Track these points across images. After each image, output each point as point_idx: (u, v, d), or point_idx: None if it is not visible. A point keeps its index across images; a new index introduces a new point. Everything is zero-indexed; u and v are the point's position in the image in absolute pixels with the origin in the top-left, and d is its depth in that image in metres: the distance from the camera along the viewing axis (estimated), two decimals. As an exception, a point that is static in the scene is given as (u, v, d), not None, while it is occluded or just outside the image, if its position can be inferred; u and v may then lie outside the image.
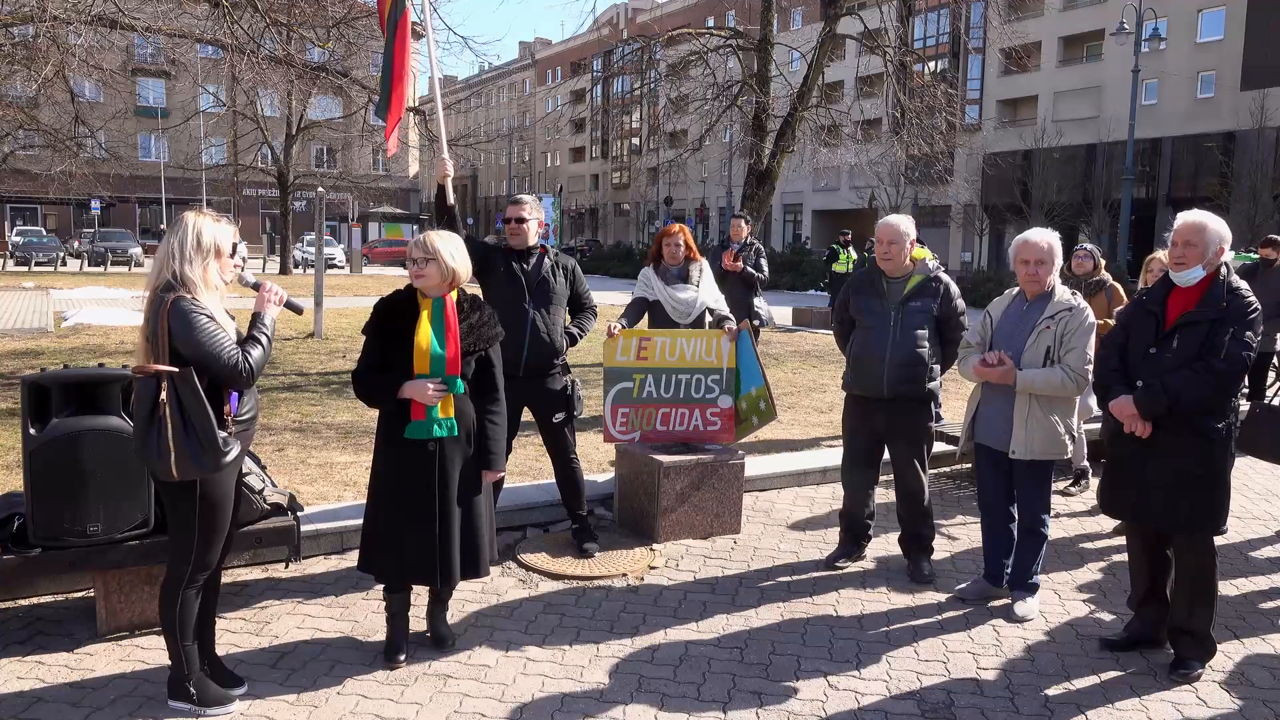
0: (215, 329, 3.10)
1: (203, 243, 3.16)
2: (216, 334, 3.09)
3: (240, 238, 3.39)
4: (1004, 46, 21.00)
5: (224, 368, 3.10)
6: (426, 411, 3.60)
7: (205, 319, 3.09)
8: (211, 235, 3.19)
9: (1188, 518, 3.75)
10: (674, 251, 6.05)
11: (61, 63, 10.77)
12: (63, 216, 51.84)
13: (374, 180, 51.85)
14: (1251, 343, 3.65)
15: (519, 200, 4.93)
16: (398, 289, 3.76)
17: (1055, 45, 43.54)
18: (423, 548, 3.65)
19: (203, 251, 3.16)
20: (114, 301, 18.66)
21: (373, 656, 3.78)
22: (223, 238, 3.23)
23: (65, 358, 10.80)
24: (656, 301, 6.06)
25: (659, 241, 6.13)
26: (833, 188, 51.25)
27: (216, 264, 3.20)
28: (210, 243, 3.18)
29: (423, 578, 3.72)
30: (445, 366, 3.62)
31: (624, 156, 70.68)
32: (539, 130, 79.49)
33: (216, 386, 3.14)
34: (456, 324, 3.68)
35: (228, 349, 3.11)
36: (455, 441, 3.68)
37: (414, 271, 3.65)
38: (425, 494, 3.64)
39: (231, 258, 3.28)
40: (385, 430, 3.71)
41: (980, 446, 4.52)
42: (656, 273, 6.10)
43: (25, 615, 4.08)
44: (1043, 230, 4.43)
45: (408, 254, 3.70)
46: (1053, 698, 3.64)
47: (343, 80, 12.44)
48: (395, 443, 3.65)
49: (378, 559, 3.74)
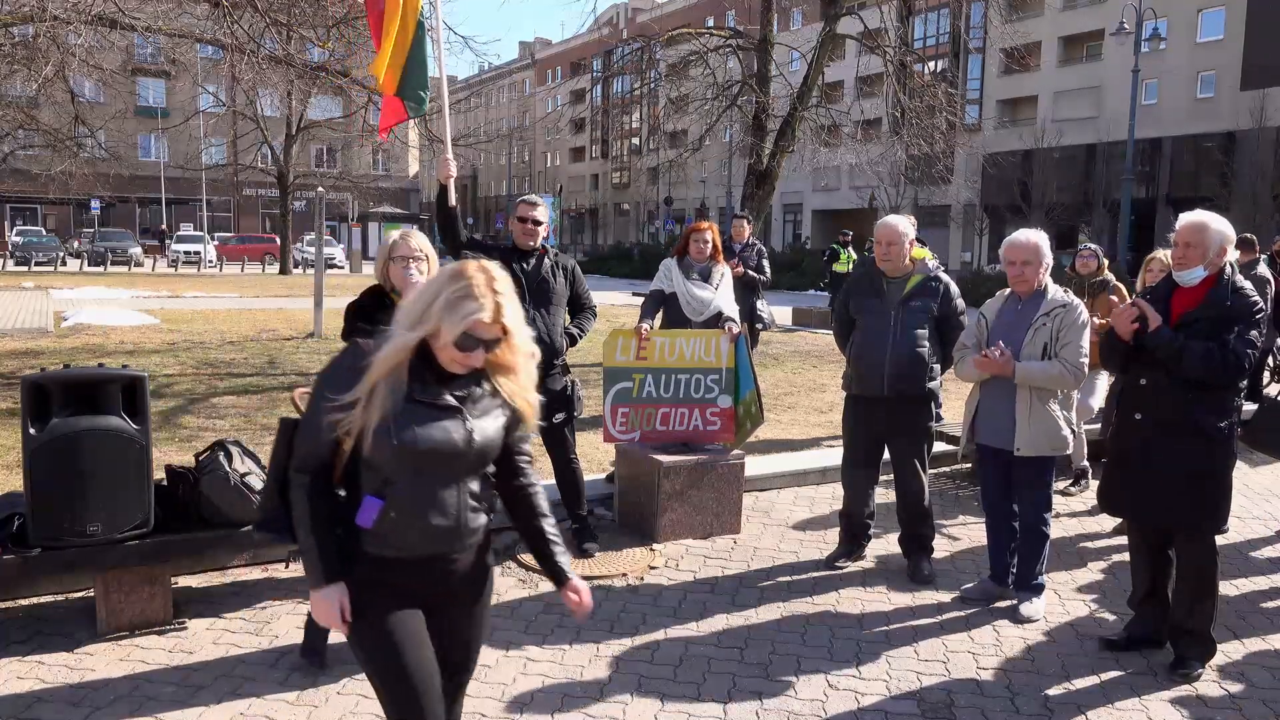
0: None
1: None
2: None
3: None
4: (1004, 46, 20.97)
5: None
6: None
7: None
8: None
9: (1188, 517, 3.76)
10: (701, 249, 6.03)
11: (62, 63, 10.76)
12: (62, 216, 51.80)
13: (374, 180, 51.88)
14: (1256, 342, 3.65)
15: (533, 201, 4.88)
16: (362, 293, 3.66)
17: (1055, 45, 43.51)
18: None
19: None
20: (114, 301, 18.65)
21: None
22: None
23: (65, 358, 10.80)
24: (673, 294, 6.04)
25: (687, 236, 6.10)
26: (833, 188, 51.23)
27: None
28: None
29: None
30: None
31: (624, 156, 70.65)
32: (539, 130, 79.39)
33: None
34: None
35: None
36: None
37: (406, 271, 3.50)
38: None
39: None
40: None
41: (982, 447, 4.52)
42: (679, 266, 6.08)
43: (25, 615, 4.08)
44: (1029, 230, 4.44)
45: (390, 253, 3.55)
46: (1053, 697, 3.64)
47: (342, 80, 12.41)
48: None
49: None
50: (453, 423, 2.16)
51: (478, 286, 2.11)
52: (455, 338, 2.10)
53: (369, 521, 2.16)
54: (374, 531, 2.17)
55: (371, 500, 2.16)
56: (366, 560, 2.20)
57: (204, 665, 3.70)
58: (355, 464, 2.20)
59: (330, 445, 2.16)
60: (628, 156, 69.45)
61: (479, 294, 2.10)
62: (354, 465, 2.20)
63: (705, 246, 6.02)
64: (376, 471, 2.16)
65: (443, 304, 2.10)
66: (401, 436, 2.09)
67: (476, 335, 2.11)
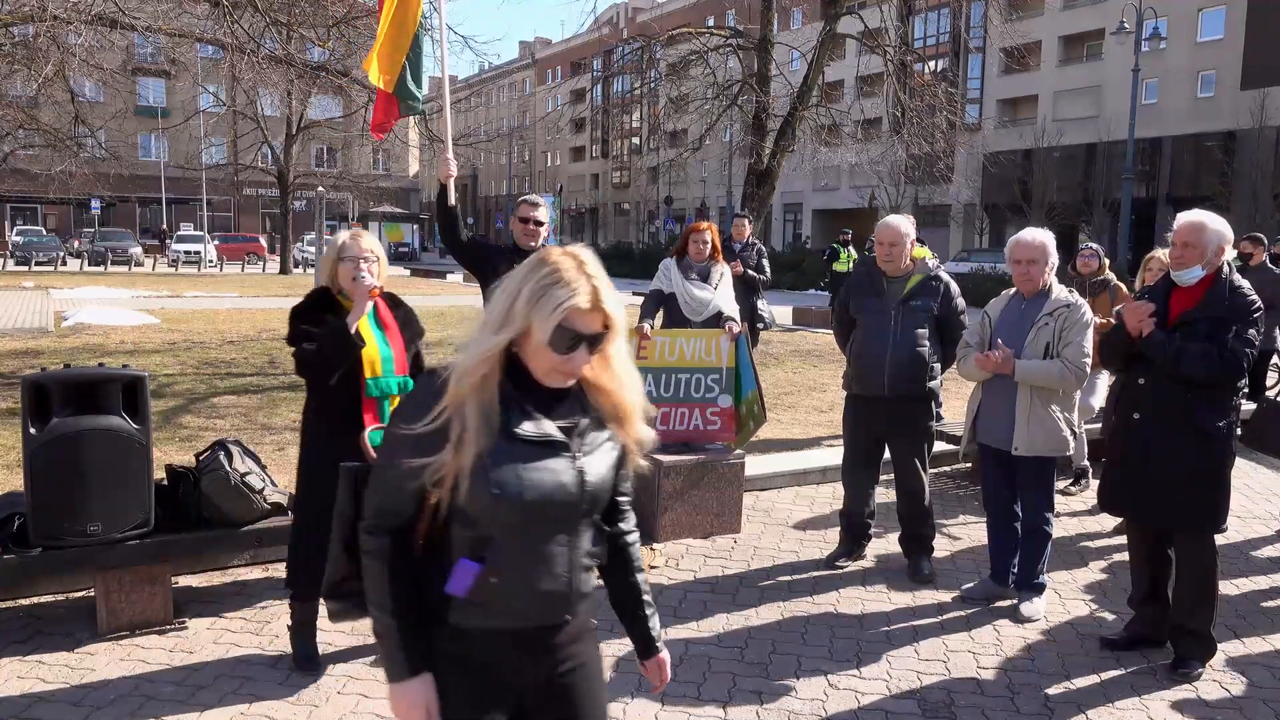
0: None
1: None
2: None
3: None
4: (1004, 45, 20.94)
5: None
6: (380, 418, 3.48)
7: None
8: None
9: (1188, 516, 3.76)
10: (699, 249, 6.03)
11: (62, 62, 10.76)
12: (63, 216, 51.82)
13: (374, 180, 51.87)
14: (1255, 340, 3.65)
15: (535, 201, 4.88)
16: (306, 295, 3.59)
17: (1055, 44, 43.50)
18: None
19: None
20: (114, 301, 18.66)
21: (374, 656, 3.78)
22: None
23: (65, 357, 10.79)
24: (672, 294, 6.04)
25: (686, 236, 6.11)
26: (833, 187, 51.20)
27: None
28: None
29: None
30: (395, 366, 3.54)
31: (624, 156, 70.63)
32: (539, 130, 79.35)
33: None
34: (394, 321, 3.61)
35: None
36: None
37: (359, 271, 3.44)
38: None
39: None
40: (328, 440, 3.48)
41: (983, 447, 4.53)
42: (678, 266, 6.08)
43: (26, 615, 4.08)
44: (1035, 230, 4.44)
45: (339, 254, 3.49)
46: (1053, 697, 3.64)
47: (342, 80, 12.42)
48: (341, 452, 3.29)
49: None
50: (561, 462, 1.78)
51: (566, 270, 1.74)
52: (549, 335, 1.72)
53: (463, 590, 1.76)
54: (468, 600, 1.77)
55: (467, 564, 1.76)
56: (450, 634, 1.80)
57: (204, 665, 3.70)
58: (440, 518, 1.81)
59: (413, 499, 1.77)
60: (628, 156, 69.43)
61: (570, 278, 1.73)
62: (440, 520, 1.80)
63: (704, 247, 6.02)
64: (471, 528, 1.76)
65: (529, 296, 1.73)
66: (502, 483, 1.72)
67: (575, 329, 1.73)
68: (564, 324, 1.72)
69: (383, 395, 3.52)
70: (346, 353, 3.42)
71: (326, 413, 3.53)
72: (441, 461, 1.71)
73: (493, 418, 1.72)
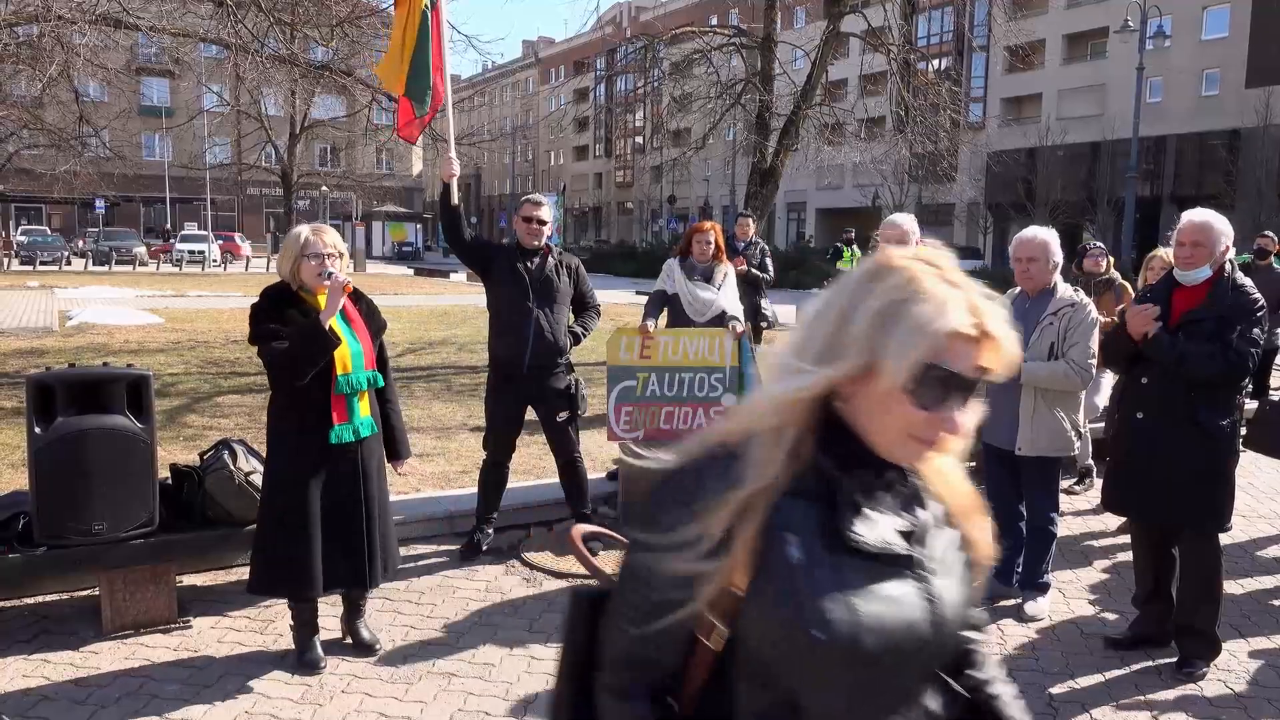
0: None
1: None
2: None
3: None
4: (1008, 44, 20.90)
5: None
6: (349, 414, 3.49)
7: None
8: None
9: (1192, 515, 3.75)
10: (703, 249, 6.03)
11: (66, 62, 10.77)
12: (67, 216, 51.90)
13: (377, 179, 51.96)
14: (1258, 339, 3.64)
15: (538, 201, 4.90)
16: (263, 293, 3.56)
17: (1059, 43, 43.43)
18: (352, 552, 3.56)
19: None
20: (118, 301, 18.69)
21: (376, 655, 3.78)
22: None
23: (70, 357, 10.82)
24: (675, 295, 6.04)
25: (689, 236, 6.11)
26: (836, 186, 51.13)
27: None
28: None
29: (353, 583, 3.64)
30: (364, 361, 3.55)
31: (627, 155, 70.61)
32: (542, 129, 79.32)
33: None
34: (359, 315, 3.62)
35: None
36: (376, 438, 3.65)
37: (329, 267, 3.43)
38: (350, 498, 3.54)
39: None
40: (296, 438, 3.50)
41: (986, 446, 4.51)
42: (682, 267, 6.08)
43: (30, 614, 4.09)
44: (1038, 228, 4.42)
45: (302, 250, 3.46)
46: (1057, 696, 3.63)
47: (346, 79, 12.42)
48: (309, 450, 3.47)
49: (287, 576, 3.51)
50: (905, 587, 1.15)
51: (925, 279, 1.12)
52: (910, 376, 1.10)
53: None
54: None
55: None
56: None
57: (209, 663, 3.71)
58: (720, 666, 1.16)
59: (677, 643, 1.16)
60: (631, 155, 69.41)
61: (934, 291, 1.11)
62: (719, 669, 1.17)
63: (708, 247, 6.02)
64: (771, 684, 1.14)
65: (873, 318, 1.12)
66: (827, 623, 1.09)
67: (952, 369, 1.11)
68: (936, 361, 1.10)
69: (352, 391, 3.52)
70: (325, 351, 3.40)
71: (295, 410, 3.51)
72: (717, 585, 1.10)
73: (807, 515, 1.13)
